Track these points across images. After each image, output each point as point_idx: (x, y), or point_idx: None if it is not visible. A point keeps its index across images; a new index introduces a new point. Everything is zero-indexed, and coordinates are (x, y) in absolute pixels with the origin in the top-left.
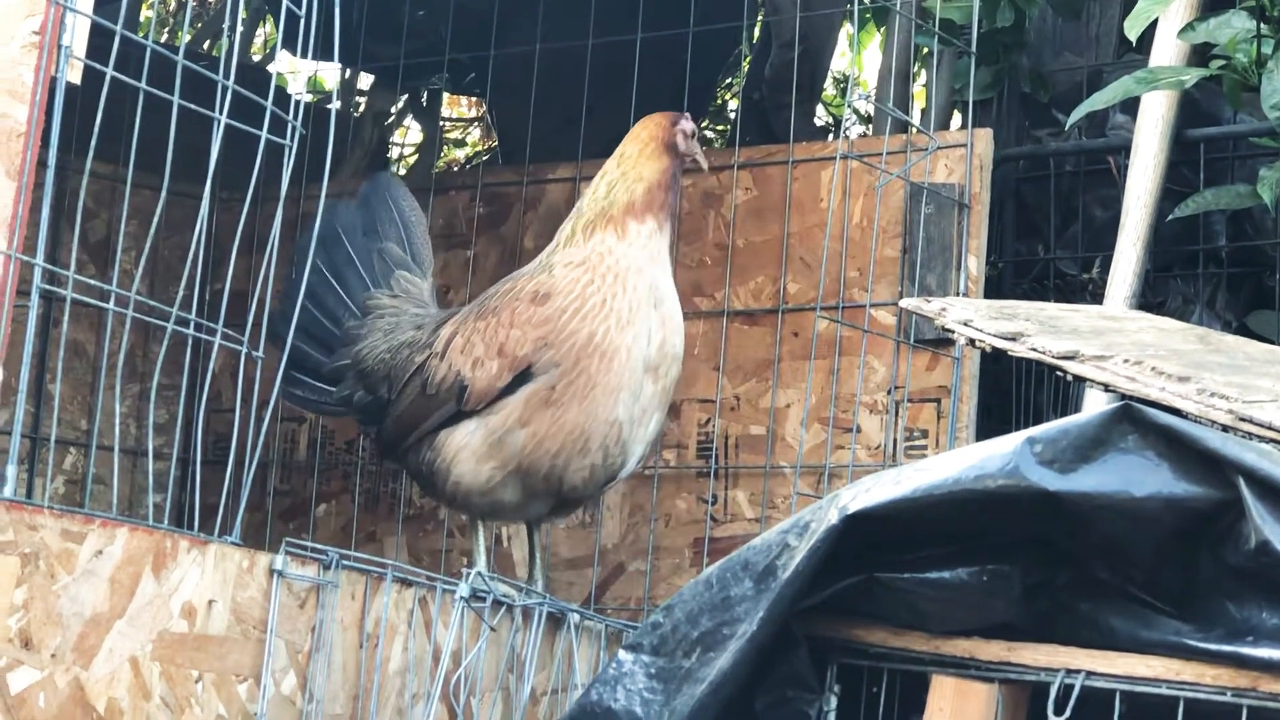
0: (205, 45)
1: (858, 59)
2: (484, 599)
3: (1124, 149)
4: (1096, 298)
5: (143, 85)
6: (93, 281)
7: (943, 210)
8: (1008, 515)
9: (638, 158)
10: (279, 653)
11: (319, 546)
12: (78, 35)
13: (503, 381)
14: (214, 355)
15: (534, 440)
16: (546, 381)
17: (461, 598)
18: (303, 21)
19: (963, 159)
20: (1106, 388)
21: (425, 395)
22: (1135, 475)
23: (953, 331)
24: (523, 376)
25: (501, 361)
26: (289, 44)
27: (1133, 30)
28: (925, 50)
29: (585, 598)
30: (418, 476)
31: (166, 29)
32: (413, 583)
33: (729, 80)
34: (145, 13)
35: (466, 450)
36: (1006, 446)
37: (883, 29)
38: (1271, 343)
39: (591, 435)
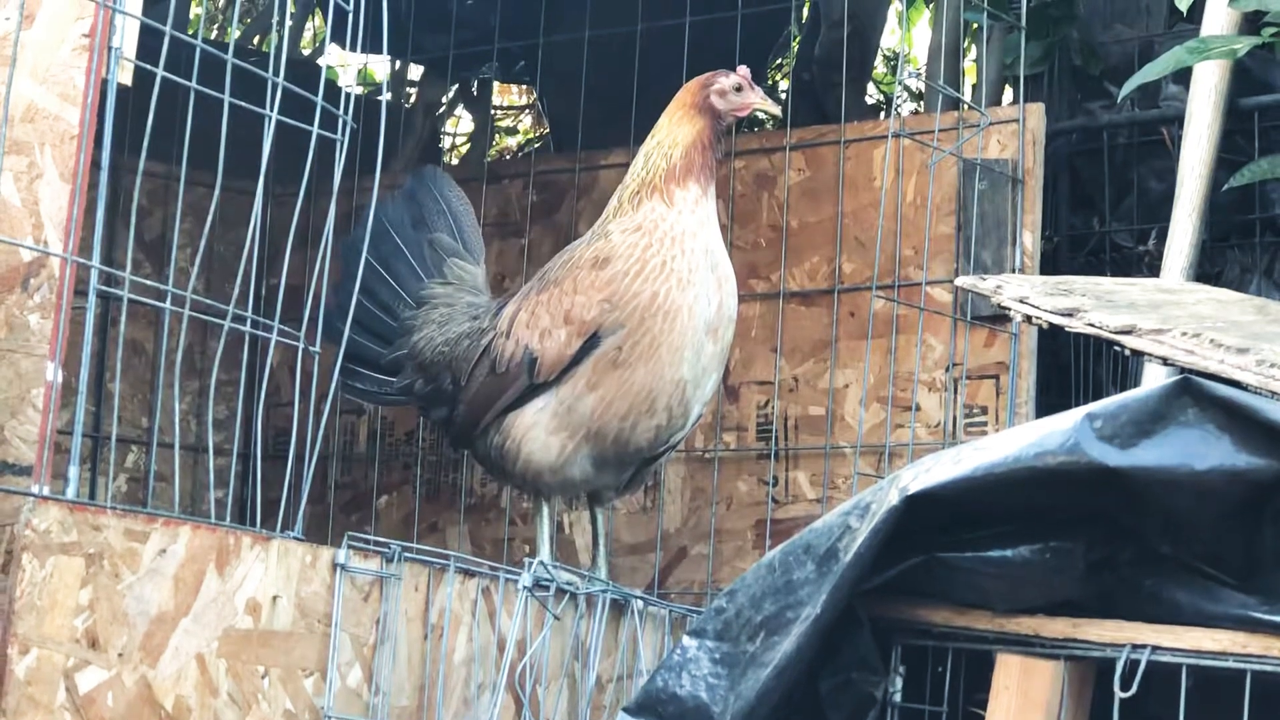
0: (255, 41)
1: (907, 36)
2: (547, 588)
3: (1177, 119)
4: (1153, 270)
5: (194, 85)
6: (149, 282)
7: (996, 186)
8: (1069, 492)
9: (670, 125)
10: (344, 646)
11: (381, 539)
12: (127, 37)
13: (572, 349)
14: (271, 351)
15: (603, 404)
16: (613, 343)
17: (525, 587)
18: (351, 15)
19: (1015, 134)
20: (1165, 361)
21: (495, 375)
22: (1196, 449)
23: (1009, 309)
24: (591, 342)
25: (569, 329)
26: (338, 37)
27: (1183, 0)
28: (975, 25)
29: (648, 583)
30: (486, 461)
31: (216, 25)
32: (475, 573)
33: (779, 61)
34: (194, 10)
35: (537, 427)
36: (1066, 423)
37: (931, 5)
38: None
39: (658, 395)
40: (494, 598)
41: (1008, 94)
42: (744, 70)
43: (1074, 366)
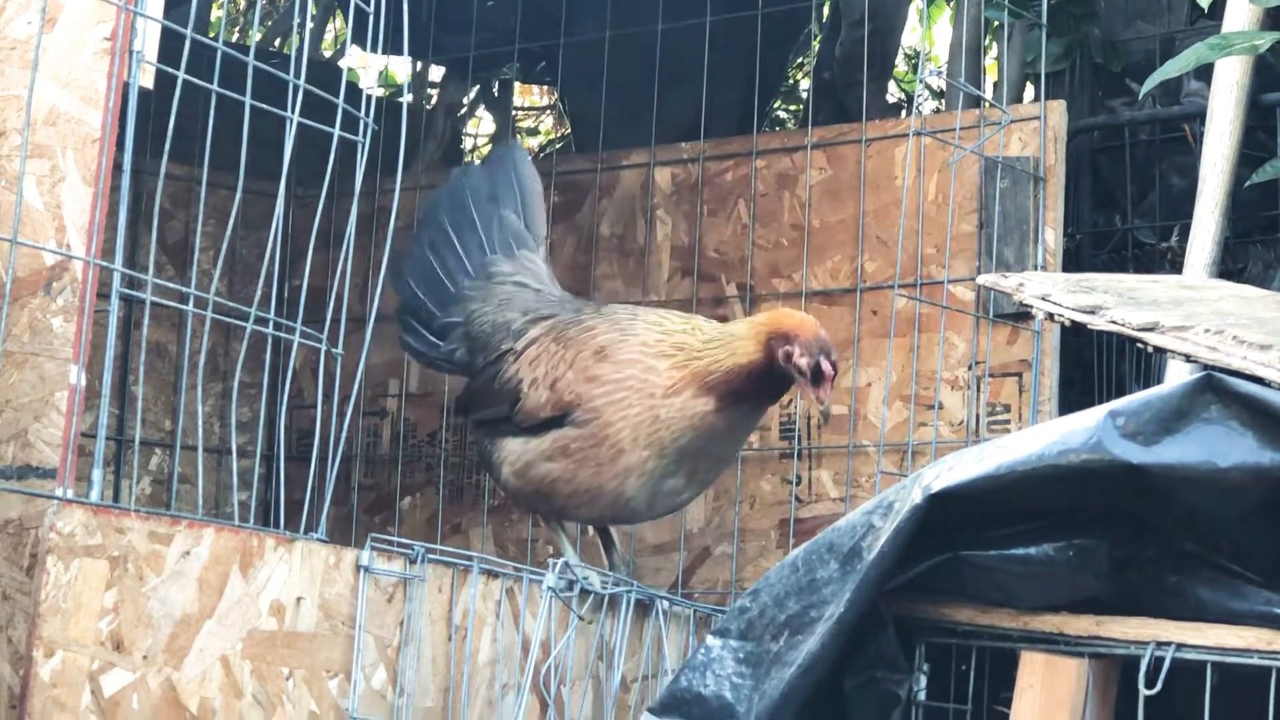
0: (276, 43)
1: (928, 34)
2: (571, 588)
3: (1199, 116)
4: (1175, 266)
5: (215, 87)
6: (171, 284)
7: (1018, 184)
8: (1093, 490)
9: (750, 332)
10: (368, 648)
11: (404, 541)
12: (149, 40)
13: (545, 413)
14: (294, 352)
15: (550, 477)
16: (574, 434)
17: (549, 588)
18: (372, 17)
19: (1037, 132)
20: (1188, 358)
21: (493, 387)
22: (1220, 445)
23: (1031, 306)
24: (564, 417)
25: (550, 395)
26: (359, 39)
27: None
28: (996, 23)
29: (672, 583)
30: (479, 455)
31: (237, 28)
32: (499, 574)
33: (800, 60)
34: (215, 12)
35: (509, 459)
36: (1089, 421)
37: (952, 3)
38: None
39: (598, 498)
40: (518, 599)
41: (1029, 92)
42: (832, 368)
43: (1097, 364)
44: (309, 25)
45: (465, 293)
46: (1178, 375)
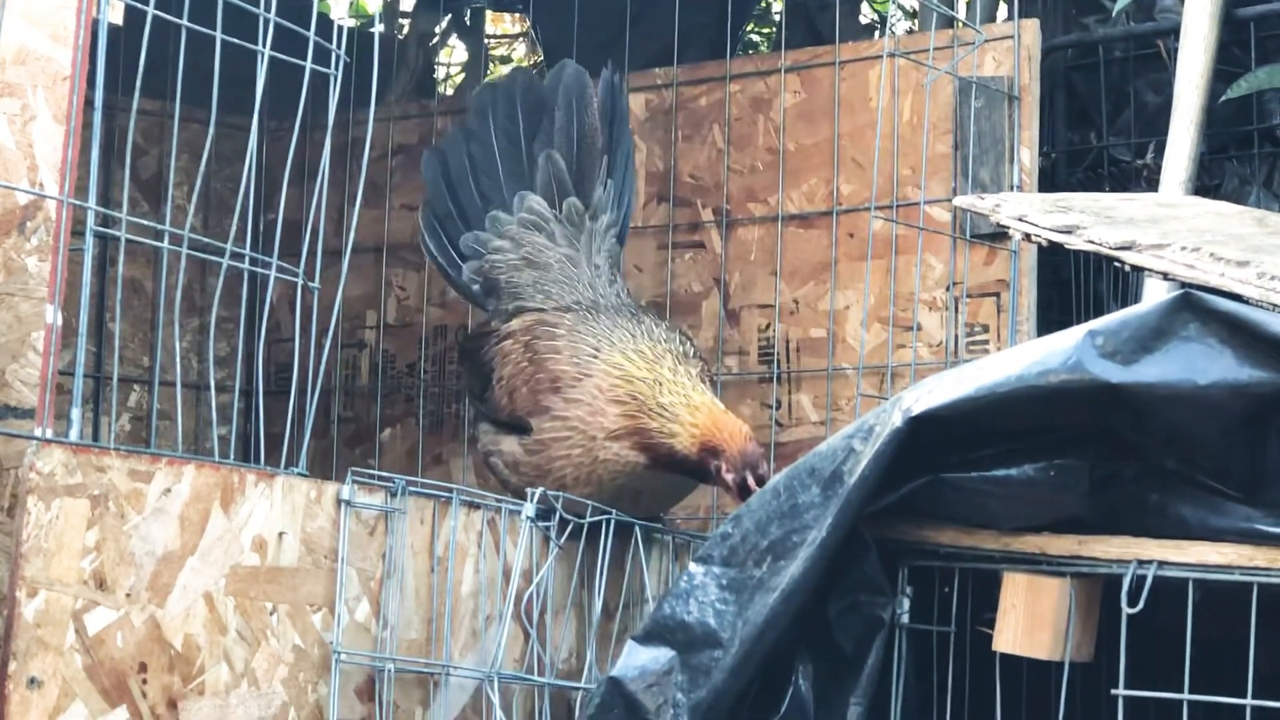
0: None
1: None
2: (550, 517)
3: (1173, 32)
4: (1152, 183)
5: (185, 22)
6: (146, 221)
7: (993, 103)
8: (1072, 410)
9: (685, 424)
10: (351, 581)
11: (385, 474)
12: None
13: (503, 416)
14: (271, 287)
15: (503, 476)
16: (523, 457)
17: (528, 517)
18: None
19: (1010, 51)
20: (1165, 276)
21: (478, 358)
22: (1198, 363)
23: (1008, 227)
24: (519, 424)
25: (508, 403)
26: None
27: None
28: None
29: None
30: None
31: None
32: (480, 505)
33: None
34: None
35: (481, 433)
36: (1068, 341)
37: None
38: None
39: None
40: (499, 529)
41: (1002, 10)
42: (759, 483)
43: (1074, 283)
44: None
45: (505, 228)
46: (1155, 293)
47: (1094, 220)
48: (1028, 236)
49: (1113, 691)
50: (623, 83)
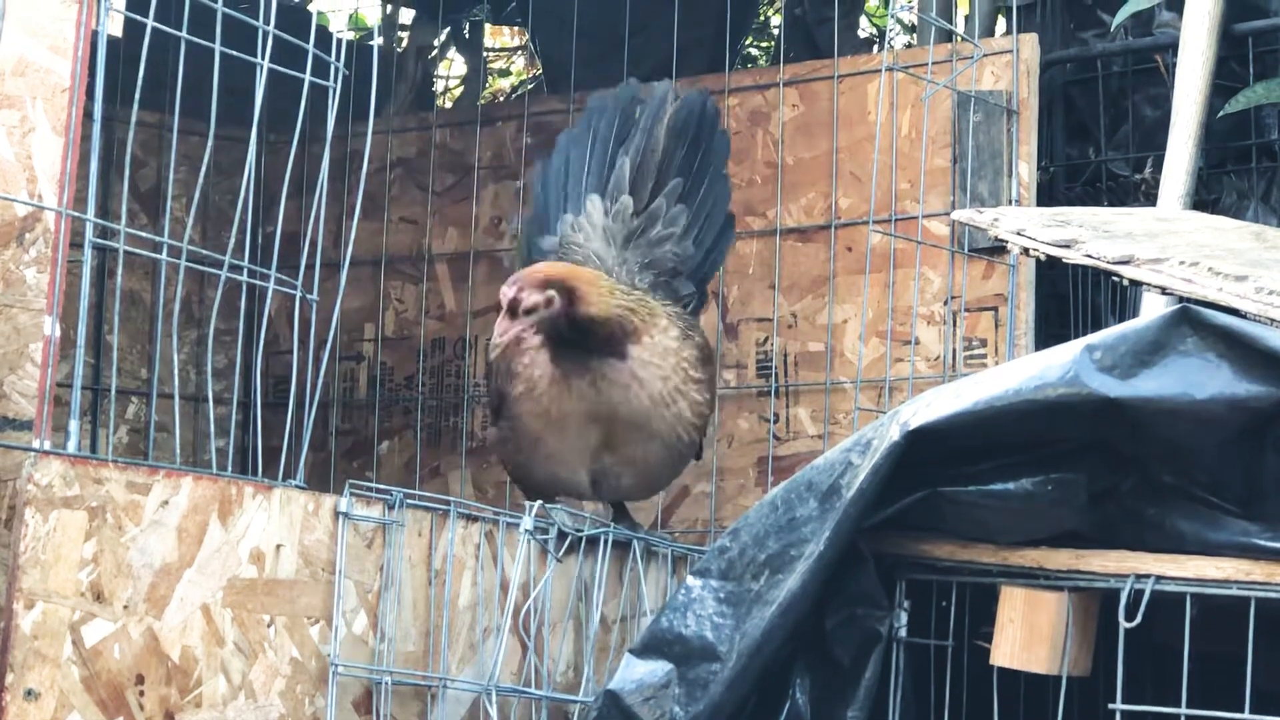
0: None
1: None
2: (548, 530)
3: (1171, 47)
4: (1150, 198)
5: (184, 34)
6: (145, 233)
7: (991, 118)
8: (1070, 424)
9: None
10: (349, 593)
11: (383, 486)
12: None
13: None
14: (269, 299)
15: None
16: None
17: (525, 530)
18: None
19: (1009, 65)
20: (1164, 290)
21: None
22: (1196, 377)
23: (1006, 241)
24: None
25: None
26: None
27: None
28: None
29: (651, 522)
30: None
31: None
32: (478, 518)
33: None
34: None
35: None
36: (1066, 355)
37: None
38: None
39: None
40: (496, 542)
41: (1000, 25)
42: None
43: (1072, 297)
44: None
45: (560, 228)
46: (1153, 308)
47: (1092, 234)
48: (1026, 250)
49: (1110, 706)
50: (715, 107)
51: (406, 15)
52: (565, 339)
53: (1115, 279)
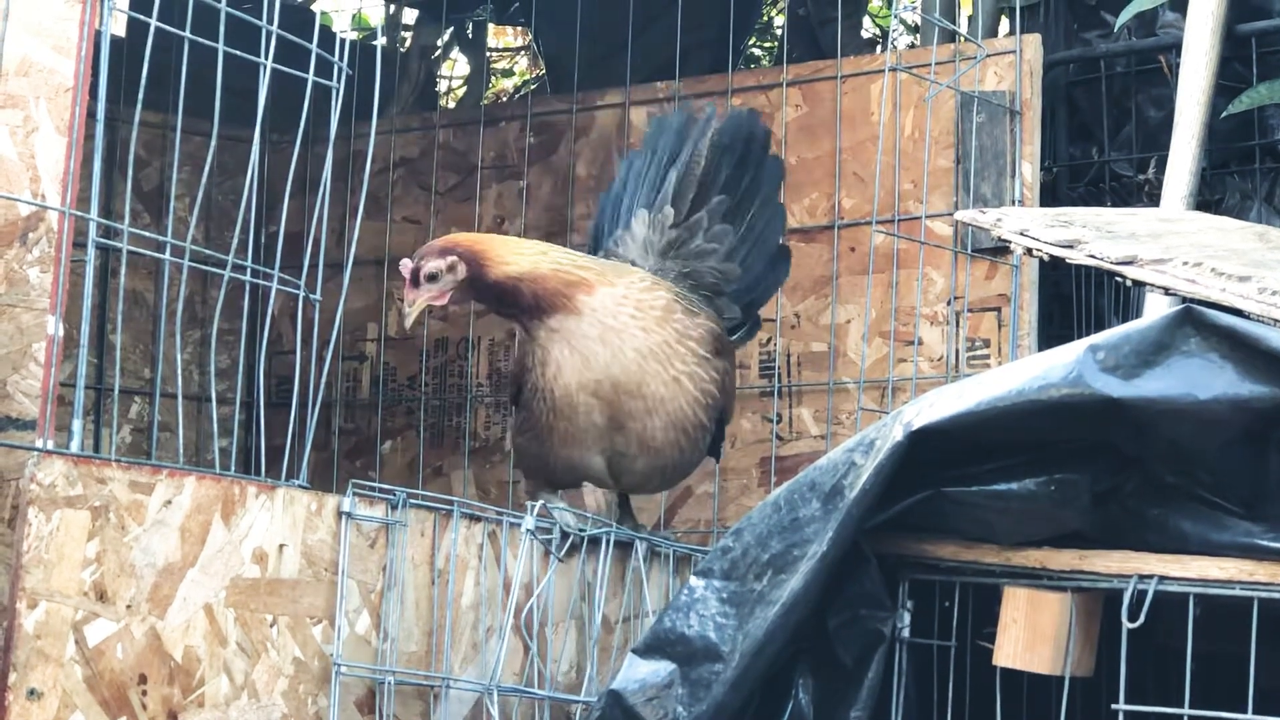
0: None
1: None
2: (550, 530)
3: (1175, 47)
4: (1153, 198)
5: (187, 34)
6: (148, 233)
7: (994, 118)
8: (1073, 424)
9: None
10: (352, 593)
11: (386, 486)
12: None
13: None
14: (272, 299)
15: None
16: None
17: (528, 530)
18: None
19: (1012, 66)
20: (1167, 291)
21: None
22: (1199, 378)
23: (1009, 241)
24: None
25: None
26: None
27: None
28: None
29: (655, 523)
30: None
31: None
32: (480, 517)
33: None
34: None
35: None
36: (1069, 355)
37: None
38: None
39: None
40: (499, 542)
41: (1004, 25)
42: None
43: (1076, 297)
44: None
45: (608, 242)
46: (1157, 308)
47: (1095, 235)
48: (1029, 251)
49: (1113, 706)
50: (767, 129)
51: (410, 15)
52: (504, 310)
53: (1118, 279)
